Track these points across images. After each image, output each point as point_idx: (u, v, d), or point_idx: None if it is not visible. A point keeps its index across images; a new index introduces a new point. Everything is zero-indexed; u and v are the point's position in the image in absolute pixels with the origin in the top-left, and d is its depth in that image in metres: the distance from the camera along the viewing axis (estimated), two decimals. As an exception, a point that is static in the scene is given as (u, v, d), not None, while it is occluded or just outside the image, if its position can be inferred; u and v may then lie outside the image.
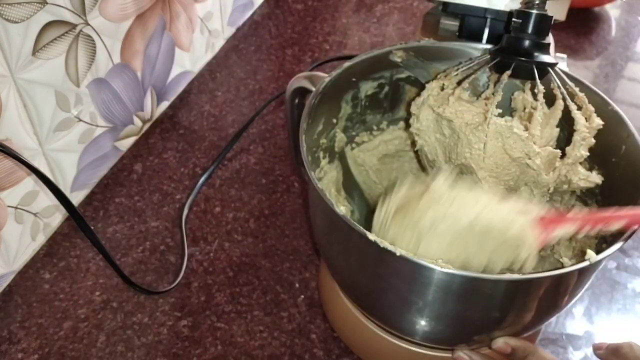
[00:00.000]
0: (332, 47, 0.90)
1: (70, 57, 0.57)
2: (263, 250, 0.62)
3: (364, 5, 1.00)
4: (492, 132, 0.43)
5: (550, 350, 0.55)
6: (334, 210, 0.38)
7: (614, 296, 0.60)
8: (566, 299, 0.42)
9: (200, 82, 0.83)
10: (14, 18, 0.49)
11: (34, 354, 0.53)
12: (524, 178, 0.45)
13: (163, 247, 0.62)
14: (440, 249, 0.40)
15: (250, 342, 0.54)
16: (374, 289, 0.43)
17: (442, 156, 0.48)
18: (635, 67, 0.91)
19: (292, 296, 0.58)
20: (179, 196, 0.68)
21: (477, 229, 0.40)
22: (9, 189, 0.55)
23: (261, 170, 0.71)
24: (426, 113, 0.48)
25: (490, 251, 0.40)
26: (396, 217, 0.42)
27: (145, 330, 0.55)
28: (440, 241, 0.40)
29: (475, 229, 0.40)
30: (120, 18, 0.63)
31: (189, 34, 0.78)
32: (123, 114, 0.69)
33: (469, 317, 0.40)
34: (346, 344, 0.54)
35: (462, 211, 0.40)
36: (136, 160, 0.71)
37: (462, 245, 0.40)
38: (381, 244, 0.37)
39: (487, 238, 0.40)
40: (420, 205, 0.41)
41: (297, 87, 0.50)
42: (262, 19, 0.95)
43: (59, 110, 0.58)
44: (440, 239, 0.40)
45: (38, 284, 0.58)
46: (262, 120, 0.78)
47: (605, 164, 0.47)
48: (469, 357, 0.45)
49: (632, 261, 0.63)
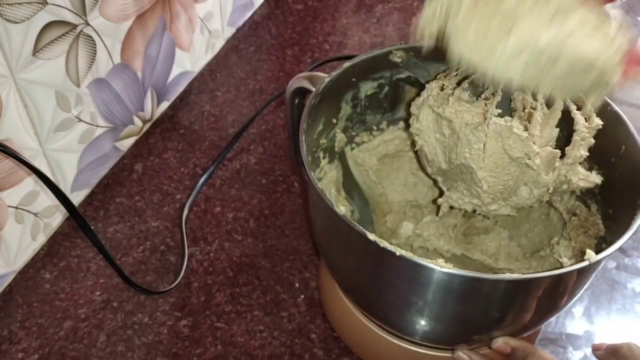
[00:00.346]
0: (332, 48, 0.90)
1: (70, 57, 0.57)
2: (263, 250, 0.63)
3: (364, 5, 1.00)
4: (491, 132, 0.43)
5: (549, 350, 0.55)
6: (334, 210, 0.39)
7: (614, 296, 0.60)
8: (566, 299, 0.42)
9: (200, 82, 0.83)
10: (14, 18, 0.50)
11: (35, 354, 0.53)
12: (524, 178, 0.45)
13: (163, 247, 0.62)
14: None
15: (251, 341, 0.55)
16: (373, 289, 0.43)
17: (442, 156, 0.48)
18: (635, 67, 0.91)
19: (292, 296, 0.58)
20: (179, 196, 0.68)
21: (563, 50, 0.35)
22: (10, 189, 0.55)
23: (261, 170, 0.71)
24: (426, 113, 0.48)
25: (558, 77, 0.36)
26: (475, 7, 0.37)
27: (146, 330, 0.55)
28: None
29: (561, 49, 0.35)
30: (121, 18, 0.63)
31: (189, 34, 0.78)
32: (123, 114, 0.69)
33: (468, 317, 0.41)
34: (346, 344, 0.54)
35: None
36: (136, 160, 0.71)
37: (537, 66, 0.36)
38: (381, 244, 0.37)
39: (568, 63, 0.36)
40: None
41: (297, 87, 0.50)
42: (262, 19, 0.95)
43: (60, 111, 0.58)
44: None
45: (38, 284, 0.58)
46: (262, 120, 0.78)
47: (605, 164, 0.47)
48: (468, 357, 0.45)
49: (632, 261, 0.63)
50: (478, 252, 0.53)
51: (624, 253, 0.64)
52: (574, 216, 0.50)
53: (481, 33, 0.36)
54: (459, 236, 0.54)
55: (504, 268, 0.52)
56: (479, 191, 0.45)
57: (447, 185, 0.49)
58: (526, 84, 0.37)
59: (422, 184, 0.59)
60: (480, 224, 0.55)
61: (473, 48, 0.37)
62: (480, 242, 0.54)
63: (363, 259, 0.42)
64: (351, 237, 0.40)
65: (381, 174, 0.59)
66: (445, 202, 0.49)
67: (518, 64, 0.36)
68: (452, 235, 0.54)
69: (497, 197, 0.46)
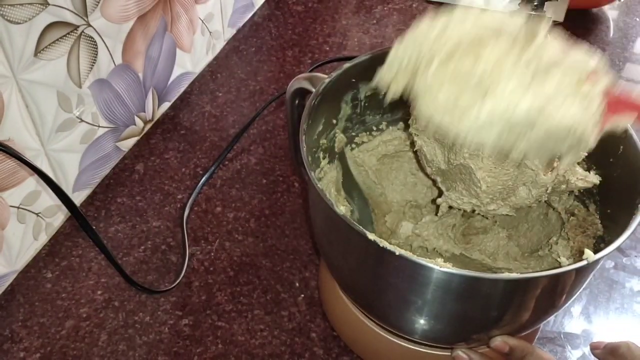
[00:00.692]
0: (332, 48, 0.91)
1: (72, 58, 0.57)
2: (263, 249, 0.63)
3: (364, 6, 1.00)
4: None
5: (548, 349, 0.55)
6: (334, 210, 0.39)
7: (612, 295, 0.60)
8: (564, 298, 0.43)
9: (201, 83, 0.83)
10: (16, 19, 0.50)
11: (36, 353, 0.53)
12: (522, 178, 0.45)
13: (164, 246, 0.63)
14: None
15: (251, 340, 0.55)
16: (373, 288, 0.43)
17: (441, 156, 0.48)
18: (634, 68, 0.92)
19: (292, 295, 0.59)
20: (180, 196, 0.68)
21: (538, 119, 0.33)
22: (12, 188, 0.55)
23: (262, 170, 0.72)
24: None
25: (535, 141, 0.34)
26: (447, 68, 0.34)
27: (147, 329, 0.55)
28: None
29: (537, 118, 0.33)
30: (122, 19, 0.63)
31: (190, 35, 0.78)
32: (125, 114, 0.69)
33: (467, 316, 0.41)
34: (346, 343, 0.54)
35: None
36: (138, 161, 0.72)
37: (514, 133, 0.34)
38: (380, 244, 0.37)
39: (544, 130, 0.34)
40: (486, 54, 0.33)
41: (297, 88, 0.50)
42: (262, 21, 0.95)
43: (61, 111, 0.58)
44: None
45: (40, 283, 0.58)
46: (263, 120, 0.78)
47: (603, 164, 0.47)
48: (467, 355, 0.45)
49: (630, 260, 0.63)
50: (477, 252, 0.54)
51: (622, 253, 0.64)
52: (573, 216, 0.50)
53: (453, 96, 0.34)
54: (458, 236, 0.54)
55: (502, 267, 0.52)
56: (477, 191, 0.45)
57: (446, 186, 0.49)
58: (499, 148, 0.35)
59: (422, 184, 0.59)
60: (479, 223, 0.55)
61: (444, 111, 0.35)
62: (479, 242, 0.54)
63: (363, 259, 0.42)
64: (351, 237, 0.41)
65: (381, 174, 0.59)
66: (444, 202, 0.50)
67: (492, 132, 0.34)
68: (451, 235, 0.54)
69: (495, 197, 0.46)
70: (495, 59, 0.33)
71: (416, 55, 0.36)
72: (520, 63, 0.33)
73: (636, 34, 0.99)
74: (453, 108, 0.34)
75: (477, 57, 0.33)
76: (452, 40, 0.35)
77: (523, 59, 0.33)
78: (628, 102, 0.35)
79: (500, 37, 0.35)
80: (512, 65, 0.33)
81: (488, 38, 0.35)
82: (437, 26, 0.36)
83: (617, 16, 1.03)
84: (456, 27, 0.35)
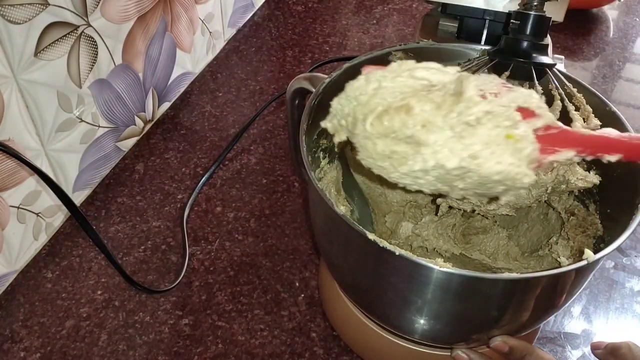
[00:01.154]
0: (332, 49, 0.91)
1: (72, 58, 0.58)
2: (263, 249, 0.63)
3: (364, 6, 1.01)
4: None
5: (548, 349, 0.55)
6: (334, 210, 0.39)
7: (612, 295, 0.60)
8: (564, 298, 0.43)
9: (201, 83, 0.83)
10: (16, 19, 0.50)
11: (36, 353, 0.53)
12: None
13: (164, 246, 0.63)
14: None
15: (251, 340, 0.55)
16: (373, 288, 0.43)
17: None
18: (633, 68, 0.92)
19: (293, 295, 0.59)
20: (181, 196, 0.68)
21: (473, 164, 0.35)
22: (12, 188, 0.55)
23: (262, 170, 0.72)
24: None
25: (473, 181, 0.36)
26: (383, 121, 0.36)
27: (147, 329, 0.55)
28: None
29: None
30: (122, 19, 0.63)
31: (190, 35, 0.78)
32: (125, 114, 0.69)
33: (467, 316, 0.41)
34: (346, 343, 0.54)
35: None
36: (138, 161, 0.72)
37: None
38: (380, 244, 0.37)
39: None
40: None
41: (298, 88, 0.50)
42: (262, 21, 0.96)
43: (61, 111, 0.58)
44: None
45: (40, 283, 0.59)
46: (263, 120, 0.78)
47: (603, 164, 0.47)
48: (467, 355, 0.45)
49: (630, 260, 0.63)
50: (477, 252, 0.54)
51: (622, 253, 0.64)
52: (573, 216, 0.50)
53: (389, 148, 0.36)
54: (458, 236, 0.54)
55: (502, 267, 0.52)
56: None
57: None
58: (437, 190, 0.37)
59: (422, 184, 0.59)
60: (479, 223, 0.55)
61: (382, 158, 0.37)
62: (479, 242, 0.54)
63: (363, 259, 0.42)
64: (351, 237, 0.41)
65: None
66: (444, 202, 0.50)
67: (427, 180, 0.36)
68: (451, 234, 0.54)
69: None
70: (427, 113, 0.35)
71: (353, 108, 0.38)
72: (452, 115, 0.35)
73: (636, 34, 0.99)
74: (390, 156, 0.36)
75: (409, 111, 0.35)
76: (387, 93, 0.37)
77: (455, 110, 0.35)
78: (567, 138, 0.36)
79: (431, 92, 0.37)
80: (442, 118, 0.35)
81: (421, 92, 0.37)
82: (373, 80, 0.38)
83: (617, 16, 1.03)
84: (391, 81, 0.38)
